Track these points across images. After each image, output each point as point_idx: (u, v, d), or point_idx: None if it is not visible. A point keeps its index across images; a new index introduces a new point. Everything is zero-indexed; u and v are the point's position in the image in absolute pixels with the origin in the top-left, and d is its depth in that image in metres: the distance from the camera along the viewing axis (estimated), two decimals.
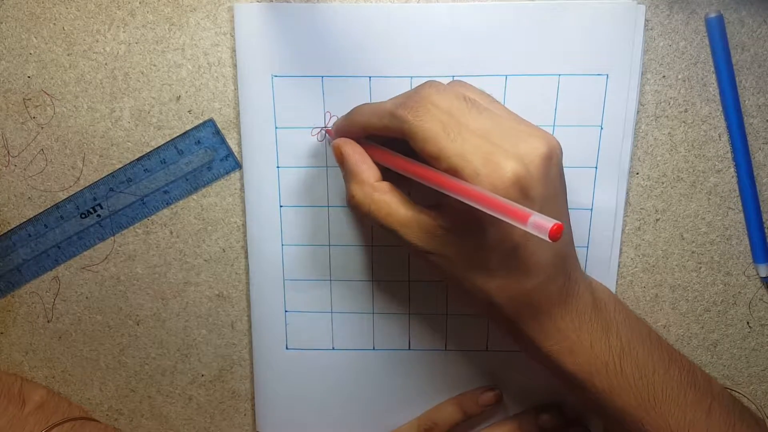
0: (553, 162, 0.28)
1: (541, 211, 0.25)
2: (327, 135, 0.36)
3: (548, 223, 0.23)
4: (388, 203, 0.30)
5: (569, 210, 0.32)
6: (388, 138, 0.31)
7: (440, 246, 0.29)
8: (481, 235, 0.28)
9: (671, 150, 0.36)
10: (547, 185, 0.28)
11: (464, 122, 0.28)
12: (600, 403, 0.32)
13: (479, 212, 0.27)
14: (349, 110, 0.33)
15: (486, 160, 0.27)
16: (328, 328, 0.39)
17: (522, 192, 0.27)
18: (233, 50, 0.35)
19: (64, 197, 0.38)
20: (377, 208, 0.30)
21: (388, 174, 0.32)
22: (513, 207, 0.25)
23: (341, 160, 0.32)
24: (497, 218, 0.27)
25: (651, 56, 0.35)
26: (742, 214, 0.37)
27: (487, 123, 0.28)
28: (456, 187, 0.27)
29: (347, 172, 0.32)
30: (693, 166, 0.36)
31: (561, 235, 0.23)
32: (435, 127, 0.27)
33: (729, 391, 0.35)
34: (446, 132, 0.27)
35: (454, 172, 0.27)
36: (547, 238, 0.23)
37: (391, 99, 0.31)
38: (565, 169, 0.31)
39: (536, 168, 0.27)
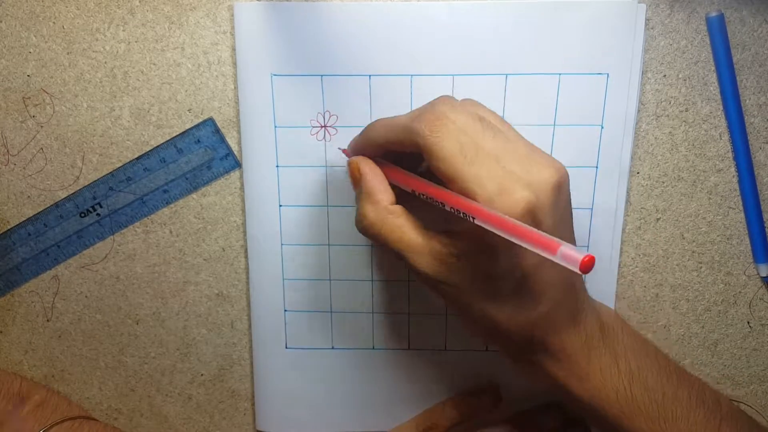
0: (562, 190, 0.28)
1: None
2: (342, 153, 0.35)
3: (579, 255, 0.23)
4: (401, 227, 0.30)
5: None
6: (402, 154, 0.30)
7: (450, 274, 0.29)
8: (492, 262, 0.28)
9: (672, 149, 0.36)
10: (556, 213, 0.28)
11: (480, 144, 0.28)
12: (611, 426, 0.32)
13: (492, 239, 0.27)
14: (350, 111, 0.34)
15: (501, 187, 0.26)
16: (328, 327, 0.39)
17: (533, 221, 0.27)
18: (233, 49, 0.35)
19: (64, 196, 0.38)
20: (389, 230, 0.30)
21: (400, 198, 0.31)
22: (543, 237, 0.24)
23: (357, 179, 0.32)
24: (509, 246, 0.26)
25: (652, 55, 0.35)
26: (742, 214, 0.37)
27: (500, 146, 0.28)
28: (483, 214, 0.26)
29: (363, 192, 0.31)
30: (693, 165, 0.36)
31: (592, 267, 0.23)
32: (452, 147, 0.27)
33: (737, 404, 0.35)
34: (463, 154, 0.27)
35: (467, 195, 0.27)
36: (578, 270, 0.23)
37: (406, 114, 0.30)
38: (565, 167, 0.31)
39: (547, 197, 0.27)
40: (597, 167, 0.36)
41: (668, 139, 0.36)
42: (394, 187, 0.31)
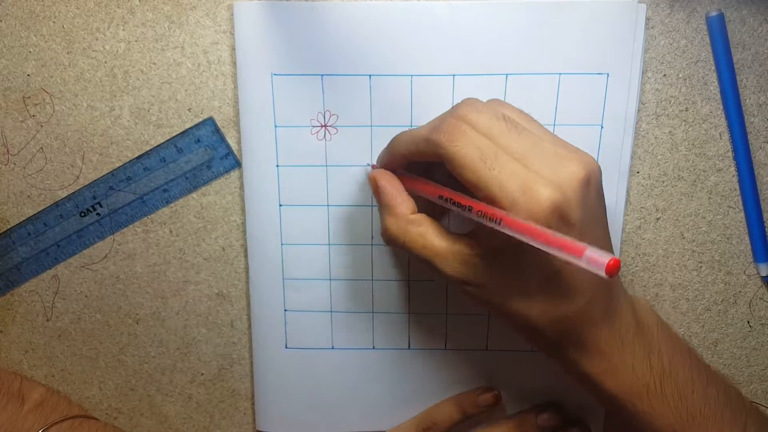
0: (591, 185, 0.28)
1: (581, 236, 0.25)
2: (370, 168, 0.35)
3: (604, 258, 0.22)
4: (423, 235, 0.30)
5: None
6: (431, 162, 0.30)
7: (477, 275, 0.29)
8: (519, 261, 0.28)
9: (672, 149, 0.36)
10: (586, 209, 0.27)
11: (503, 145, 0.27)
12: (639, 423, 0.31)
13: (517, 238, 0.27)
14: (350, 110, 0.34)
15: (523, 188, 0.26)
16: (328, 327, 0.39)
17: (561, 219, 0.26)
18: (233, 48, 0.35)
19: (64, 196, 0.38)
20: (412, 240, 0.30)
21: (426, 206, 0.31)
22: (566, 241, 0.24)
23: (377, 193, 0.32)
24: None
25: (652, 55, 0.35)
26: (742, 213, 0.37)
27: (526, 145, 0.28)
28: (506, 219, 0.26)
29: (382, 205, 0.32)
30: (694, 165, 0.36)
31: (618, 271, 0.23)
32: (471, 153, 0.27)
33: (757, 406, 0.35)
34: (483, 159, 0.27)
35: (491, 200, 0.27)
36: (604, 275, 0.23)
37: (427, 123, 0.30)
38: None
39: (574, 193, 0.27)
40: None
41: (668, 139, 0.36)
42: (421, 198, 0.32)
